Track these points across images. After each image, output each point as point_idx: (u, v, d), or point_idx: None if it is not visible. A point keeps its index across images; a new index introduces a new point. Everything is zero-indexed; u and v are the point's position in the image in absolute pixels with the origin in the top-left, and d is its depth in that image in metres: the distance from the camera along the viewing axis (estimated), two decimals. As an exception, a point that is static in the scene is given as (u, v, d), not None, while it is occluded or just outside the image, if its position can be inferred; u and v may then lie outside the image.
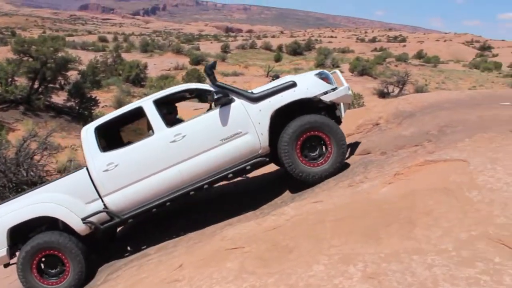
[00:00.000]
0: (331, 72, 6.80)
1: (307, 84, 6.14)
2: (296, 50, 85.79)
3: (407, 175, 4.68)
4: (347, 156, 6.41)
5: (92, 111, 29.36)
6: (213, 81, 6.15)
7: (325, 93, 6.15)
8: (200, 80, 39.09)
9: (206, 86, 6.37)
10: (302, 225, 4.40)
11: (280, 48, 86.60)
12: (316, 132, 5.96)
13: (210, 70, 6.08)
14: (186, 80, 40.51)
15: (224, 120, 5.97)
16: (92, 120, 27.33)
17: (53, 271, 6.10)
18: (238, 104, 6.04)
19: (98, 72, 37.64)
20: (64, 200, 6.00)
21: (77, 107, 29.47)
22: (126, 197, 5.97)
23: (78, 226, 6.02)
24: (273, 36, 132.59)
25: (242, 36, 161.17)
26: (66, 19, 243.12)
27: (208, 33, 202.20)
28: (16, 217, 6.01)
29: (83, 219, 5.99)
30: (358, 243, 3.79)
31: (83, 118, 27.63)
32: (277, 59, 70.66)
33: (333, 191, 5.04)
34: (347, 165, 6.16)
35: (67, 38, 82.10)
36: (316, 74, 6.35)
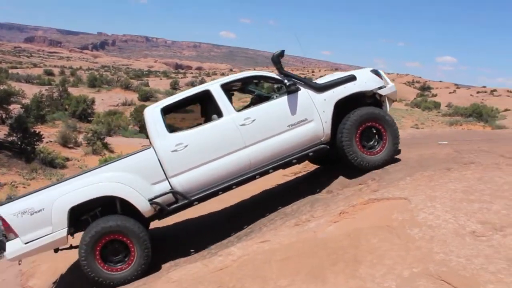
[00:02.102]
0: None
1: (366, 78, 6.61)
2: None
3: (352, 214, 4.77)
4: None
5: (36, 146, 28.25)
6: (281, 70, 6.43)
7: (380, 88, 6.64)
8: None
9: (273, 74, 6.57)
10: (249, 265, 4.37)
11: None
12: (374, 123, 6.33)
13: (277, 59, 6.31)
14: (135, 116, 39.98)
15: (291, 107, 6.18)
16: (35, 156, 26.28)
17: (115, 257, 5.70)
18: (304, 93, 6.29)
19: (43, 107, 36.57)
20: (130, 180, 5.76)
21: (19, 142, 28.26)
22: (193, 179, 5.89)
23: (145, 207, 5.78)
24: (223, 74, 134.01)
25: (192, 73, 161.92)
26: (10, 51, 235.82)
27: (157, 69, 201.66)
28: (78, 196, 5.64)
29: (150, 200, 5.78)
30: (304, 283, 3.79)
31: (26, 153, 26.56)
32: (227, 96, 71.15)
33: (279, 230, 5.05)
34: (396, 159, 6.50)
35: (11, 71, 79.80)
36: (371, 70, 6.79)
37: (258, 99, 6.81)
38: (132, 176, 5.79)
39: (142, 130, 37.28)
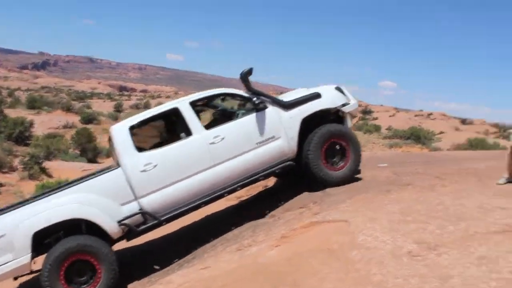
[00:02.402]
0: None
1: (331, 96, 6.68)
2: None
3: (293, 238, 4.77)
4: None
5: (-35, 171, 26.61)
6: (249, 87, 6.36)
7: (343, 105, 6.70)
8: (90, 139, 37.48)
9: (241, 92, 6.50)
10: (189, 293, 4.25)
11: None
12: (338, 140, 6.42)
13: (246, 77, 6.26)
14: (76, 139, 38.72)
15: (260, 124, 6.23)
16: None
17: (80, 279, 5.35)
18: (271, 111, 6.34)
19: (-24, 129, 34.69)
20: (98, 201, 5.53)
21: None
22: (163, 199, 5.75)
23: (113, 229, 5.55)
24: (168, 96, 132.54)
25: (136, 95, 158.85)
26: None
27: (101, 91, 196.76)
28: (43, 219, 5.33)
29: (119, 222, 5.54)
30: (245, 310, 3.71)
31: (-47, 179, 24.94)
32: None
33: (221, 256, 4.97)
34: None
35: None
36: (336, 88, 6.85)
37: (222, 115, 6.84)
38: (99, 198, 5.61)
39: (83, 154, 36.07)
